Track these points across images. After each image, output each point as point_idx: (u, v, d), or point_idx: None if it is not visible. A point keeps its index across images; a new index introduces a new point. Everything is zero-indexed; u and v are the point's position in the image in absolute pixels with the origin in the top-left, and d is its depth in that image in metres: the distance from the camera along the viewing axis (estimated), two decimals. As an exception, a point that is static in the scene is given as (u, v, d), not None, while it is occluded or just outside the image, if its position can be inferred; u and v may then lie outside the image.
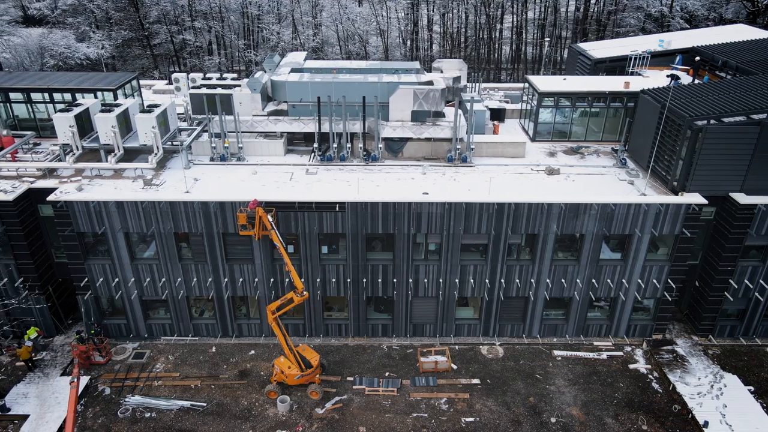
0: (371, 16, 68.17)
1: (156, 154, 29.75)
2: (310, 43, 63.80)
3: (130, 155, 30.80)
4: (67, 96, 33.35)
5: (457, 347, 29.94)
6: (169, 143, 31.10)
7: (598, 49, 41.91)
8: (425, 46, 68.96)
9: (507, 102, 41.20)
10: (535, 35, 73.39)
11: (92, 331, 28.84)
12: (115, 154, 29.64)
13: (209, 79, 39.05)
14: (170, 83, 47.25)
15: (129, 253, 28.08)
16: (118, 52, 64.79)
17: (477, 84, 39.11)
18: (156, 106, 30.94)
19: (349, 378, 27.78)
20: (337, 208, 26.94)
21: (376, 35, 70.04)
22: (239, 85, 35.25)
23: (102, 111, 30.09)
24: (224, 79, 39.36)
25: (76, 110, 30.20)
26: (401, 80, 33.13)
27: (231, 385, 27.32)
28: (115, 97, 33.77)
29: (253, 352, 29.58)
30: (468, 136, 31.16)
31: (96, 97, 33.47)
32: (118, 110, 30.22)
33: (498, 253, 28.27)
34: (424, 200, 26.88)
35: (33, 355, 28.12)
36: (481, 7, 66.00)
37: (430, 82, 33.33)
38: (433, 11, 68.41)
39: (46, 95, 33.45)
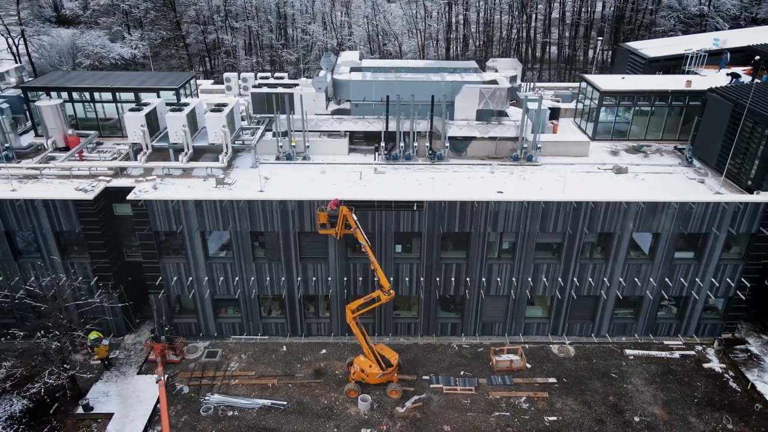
0: (401, 15, 68.18)
1: (226, 153, 29.79)
2: (346, 42, 63.84)
3: (196, 155, 30.78)
4: (125, 95, 33.29)
5: (527, 346, 29.92)
6: (234, 142, 31.13)
7: (650, 48, 41.84)
8: (458, 46, 68.95)
9: (558, 101, 41.14)
10: (565, 34, 73.35)
11: (165, 329, 28.90)
12: (186, 153, 29.69)
13: (266, 78, 39.26)
14: (215, 83, 47.36)
15: (204, 252, 28.12)
16: (151, 52, 64.87)
17: (532, 83, 39.06)
18: (224, 105, 30.97)
19: (424, 377, 27.80)
20: (415, 207, 26.96)
21: (401, 34, 69.87)
22: (297, 84, 35.41)
23: (172, 110, 30.14)
24: (281, 78, 39.57)
25: (146, 109, 30.27)
26: (465, 79, 33.20)
27: (308, 384, 27.34)
28: (178, 97, 33.80)
29: (324, 351, 29.60)
30: (535, 136, 31.16)
31: (158, 96, 33.52)
32: (187, 109, 30.29)
33: (572, 252, 28.25)
34: (503, 199, 26.88)
35: (108, 353, 28.18)
36: (517, 6, 66.06)
37: (494, 81, 33.39)
38: (467, 10, 68.40)
39: (108, 95, 33.54)
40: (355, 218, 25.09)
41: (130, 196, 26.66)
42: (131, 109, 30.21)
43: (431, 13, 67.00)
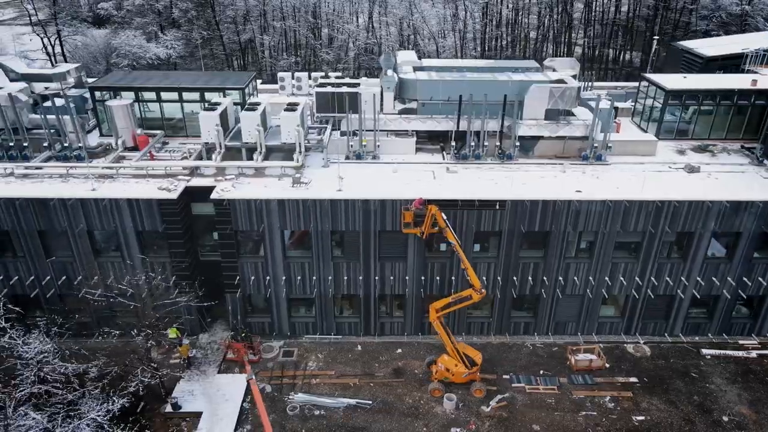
0: (435, 14, 68.31)
1: (300, 152, 29.80)
2: (383, 42, 63.87)
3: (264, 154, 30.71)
4: (190, 95, 33.32)
5: (601, 345, 29.84)
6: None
7: (706, 47, 41.76)
8: (494, 45, 69.01)
9: (612, 100, 41.04)
10: (593, 34, 73.37)
11: (243, 332, 28.93)
12: (261, 152, 29.72)
13: (327, 77, 39.28)
14: (264, 82, 47.46)
15: (282, 252, 28.15)
16: (187, 52, 65.00)
17: (589, 83, 39.03)
18: (296, 104, 31.01)
19: (504, 376, 27.80)
20: (498, 206, 26.96)
21: (436, 33, 69.66)
22: (359, 84, 35.48)
23: (246, 110, 30.19)
24: (340, 77, 39.60)
25: (220, 109, 30.29)
26: (531, 79, 33.17)
27: (389, 384, 27.34)
28: (243, 96, 33.84)
29: (399, 350, 29.60)
30: (605, 135, 31.15)
31: (224, 95, 33.54)
32: (260, 109, 30.33)
33: (651, 251, 28.21)
34: (585, 198, 26.87)
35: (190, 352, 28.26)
36: (554, 6, 66.14)
37: (561, 81, 33.34)
38: (503, 7, 68.51)
39: (174, 94, 33.58)
40: (444, 217, 25.10)
41: (214, 196, 26.71)
42: (206, 109, 30.24)
43: (469, 12, 67.05)
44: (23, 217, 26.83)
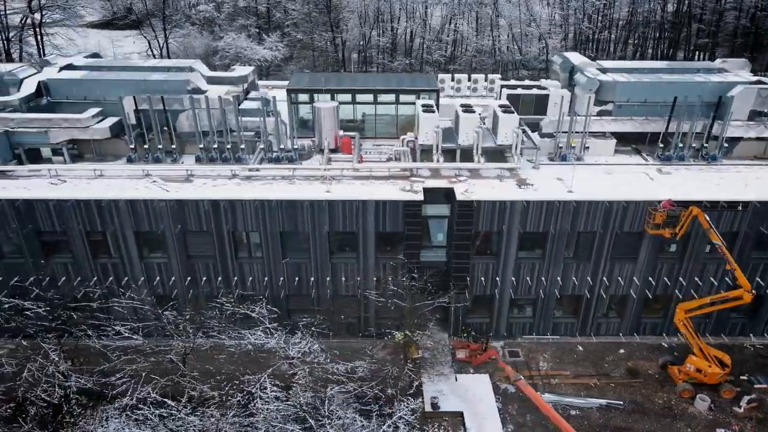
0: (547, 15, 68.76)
1: (519, 153, 29.93)
2: (496, 44, 64.13)
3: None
4: (379, 96, 33.64)
5: (817, 346, 29.85)
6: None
7: None
8: (603, 46, 69.14)
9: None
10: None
11: (471, 332, 29.15)
12: (480, 154, 29.91)
13: (506, 80, 39.45)
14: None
15: (515, 252, 28.31)
16: (291, 53, 65.42)
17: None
18: (510, 107, 31.17)
19: (742, 377, 27.78)
20: (740, 207, 26.99)
21: (544, 35, 69.19)
22: (541, 86, 35.73)
23: (464, 111, 30.40)
24: (522, 80, 39.79)
25: (436, 111, 30.49)
26: (729, 80, 33.22)
27: (629, 384, 27.43)
28: (437, 98, 34.02)
29: (622, 350, 29.69)
30: (815, 135, 31.15)
31: (418, 97, 33.75)
32: (477, 112, 30.53)
33: None
34: (830, 199, 26.89)
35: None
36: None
37: (760, 82, 33.36)
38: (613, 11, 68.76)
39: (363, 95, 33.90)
40: (707, 218, 25.17)
41: (460, 197, 26.91)
42: (424, 111, 30.43)
43: (586, 13, 67.24)
44: (269, 219, 27.14)
